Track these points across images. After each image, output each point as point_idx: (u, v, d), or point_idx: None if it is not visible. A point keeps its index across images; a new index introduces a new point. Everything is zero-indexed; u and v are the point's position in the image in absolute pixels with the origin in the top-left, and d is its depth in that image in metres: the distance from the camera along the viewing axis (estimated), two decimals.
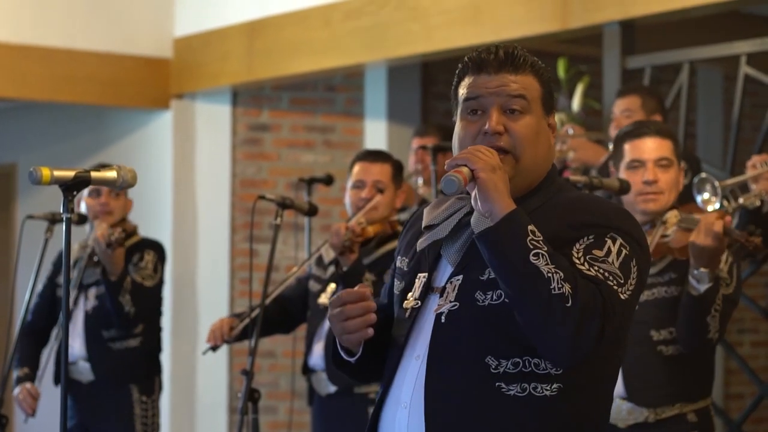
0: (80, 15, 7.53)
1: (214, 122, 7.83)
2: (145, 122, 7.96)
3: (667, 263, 3.86)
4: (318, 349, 4.72)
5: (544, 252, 2.33)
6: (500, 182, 2.39)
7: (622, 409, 3.83)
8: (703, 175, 4.25)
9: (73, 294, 5.23)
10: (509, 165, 2.50)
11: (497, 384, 2.41)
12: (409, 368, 2.51)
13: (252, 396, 4.19)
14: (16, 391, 5.22)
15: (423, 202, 5.78)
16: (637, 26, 5.68)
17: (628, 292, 2.41)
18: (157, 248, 5.44)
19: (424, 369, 2.47)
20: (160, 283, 5.42)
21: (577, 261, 2.40)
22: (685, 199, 4.30)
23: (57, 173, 2.92)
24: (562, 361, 2.39)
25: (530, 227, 2.35)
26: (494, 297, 2.44)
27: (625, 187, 3.79)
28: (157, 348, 5.50)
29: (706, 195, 4.20)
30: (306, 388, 4.90)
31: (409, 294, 2.58)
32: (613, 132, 5.28)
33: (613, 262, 2.40)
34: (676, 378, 3.80)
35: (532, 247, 2.33)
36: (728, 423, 5.64)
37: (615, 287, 2.38)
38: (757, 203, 4.55)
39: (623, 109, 5.25)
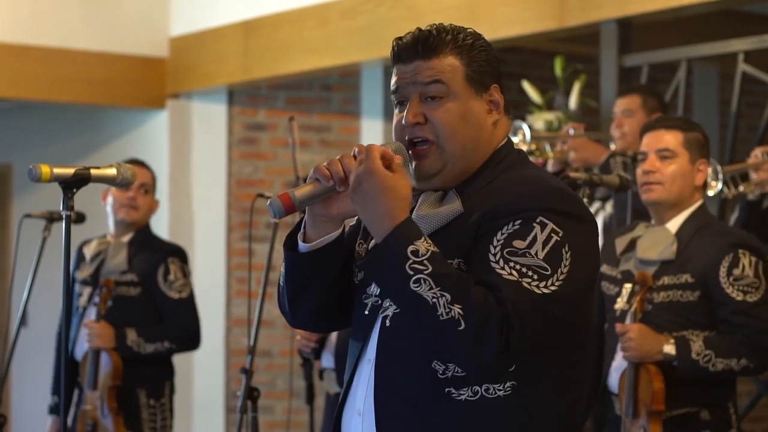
0: (76, 15, 7.52)
1: (210, 122, 7.82)
2: (141, 122, 7.95)
3: (684, 266, 3.78)
4: (329, 349, 4.70)
5: (425, 276, 2.16)
6: (367, 198, 2.22)
7: None
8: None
9: (87, 291, 5.14)
10: (436, 156, 2.35)
11: (447, 390, 2.26)
12: (362, 373, 2.37)
13: (251, 394, 4.19)
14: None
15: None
16: (634, 24, 5.68)
17: (556, 284, 2.21)
18: (179, 254, 5.23)
19: (374, 375, 2.33)
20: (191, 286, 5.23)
21: (493, 259, 2.22)
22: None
23: (57, 170, 2.95)
24: (473, 375, 2.24)
25: (411, 248, 2.17)
26: None
27: (624, 184, 3.79)
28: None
29: (708, 179, 4.22)
30: (304, 387, 4.89)
31: (368, 289, 2.40)
32: (613, 131, 5.28)
33: (536, 254, 2.21)
34: (686, 383, 3.72)
35: (412, 273, 2.16)
36: None
37: (531, 285, 2.20)
38: (757, 192, 4.59)
39: (624, 109, 5.25)
